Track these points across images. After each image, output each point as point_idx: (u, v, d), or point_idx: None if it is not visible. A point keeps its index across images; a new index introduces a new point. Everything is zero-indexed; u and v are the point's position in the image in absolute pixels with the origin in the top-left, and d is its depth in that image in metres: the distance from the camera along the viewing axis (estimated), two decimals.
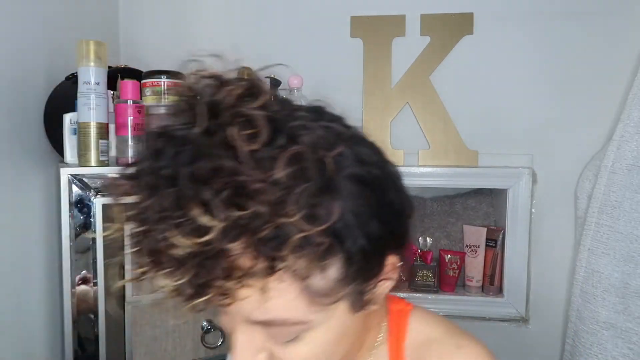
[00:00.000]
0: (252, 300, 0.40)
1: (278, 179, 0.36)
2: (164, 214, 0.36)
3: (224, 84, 0.39)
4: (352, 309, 0.45)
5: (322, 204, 0.38)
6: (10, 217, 1.00)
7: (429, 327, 0.56)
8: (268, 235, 0.36)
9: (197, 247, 0.35)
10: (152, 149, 0.38)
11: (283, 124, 0.39)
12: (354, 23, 1.46)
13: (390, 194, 0.45)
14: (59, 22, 1.17)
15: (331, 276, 0.41)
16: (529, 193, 1.38)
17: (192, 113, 0.38)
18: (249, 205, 0.35)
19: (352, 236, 0.40)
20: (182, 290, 0.38)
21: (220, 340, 1.12)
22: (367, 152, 0.44)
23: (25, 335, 1.06)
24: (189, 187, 0.35)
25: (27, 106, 1.06)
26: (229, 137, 0.36)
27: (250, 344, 0.45)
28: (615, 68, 1.34)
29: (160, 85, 1.10)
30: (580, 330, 1.29)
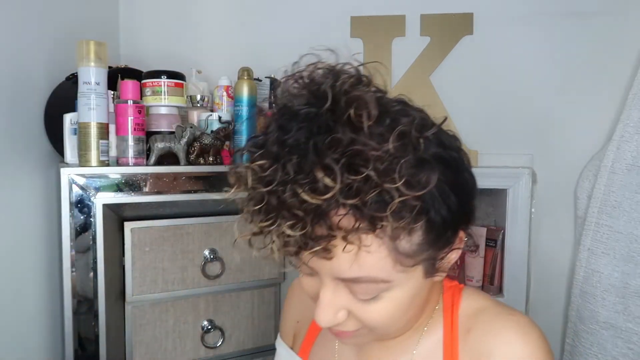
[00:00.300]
0: (349, 256, 0.46)
1: (388, 149, 0.43)
2: (291, 176, 0.43)
3: (339, 73, 0.48)
4: (426, 274, 0.52)
5: (419, 174, 0.45)
6: (10, 217, 1.00)
7: (480, 301, 0.62)
8: (374, 198, 0.42)
9: (318, 203, 0.42)
10: (278, 124, 0.46)
11: (387, 107, 0.48)
12: (354, 23, 1.46)
13: (464, 174, 0.53)
14: (59, 22, 1.17)
15: (415, 240, 0.48)
16: (529, 193, 1.38)
17: (312, 96, 0.46)
18: (361, 170, 0.42)
19: (436, 207, 0.47)
20: (293, 242, 0.45)
21: (220, 340, 1.12)
22: (447, 138, 0.52)
23: (25, 335, 1.06)
24: (315, 155, 0.43)
25: (27, 106, 1.06)
26: (348, 115, 0.44)
27: (333, 301, 0.51)
28: (615, 68, 1.34)
29: (161, 85, 1.10)
30: (580, 330, 1.30)
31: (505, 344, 0.55)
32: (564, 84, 1.39)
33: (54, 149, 1.11)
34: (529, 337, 0.56)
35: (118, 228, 1.01)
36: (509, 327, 0.57)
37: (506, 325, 0.57)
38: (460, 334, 0.59)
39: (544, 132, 1.41)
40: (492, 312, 0.60)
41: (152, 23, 1.52)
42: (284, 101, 0.49)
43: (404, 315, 0.54)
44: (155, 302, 1.05)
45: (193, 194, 1.05)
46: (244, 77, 1.17)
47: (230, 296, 1.13)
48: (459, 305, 0.62)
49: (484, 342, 0.57)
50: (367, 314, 0.52)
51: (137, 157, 1.01)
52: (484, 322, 0.59)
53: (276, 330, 1.19)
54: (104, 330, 0.98)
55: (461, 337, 0.59)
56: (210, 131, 1.10)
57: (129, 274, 1.01)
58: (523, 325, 0.57)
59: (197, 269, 1.07)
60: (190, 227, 1.06)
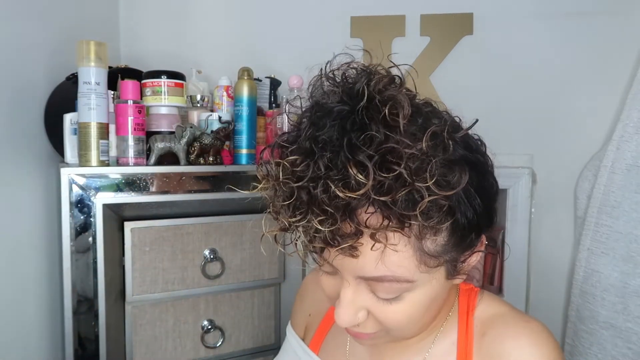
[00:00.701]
0: (375, 254, 0.46)
1: (421, 148, 0.43)
2: (323, 172, 0.44)
3: (373, 73, 0.48)
4: (447, 275, 0.52)
5: (448, 174, 0.46)
6: (10, 217, 1.00)
7: (496, 305, 0.62)
8: (404, 196, 0.43)
9: (349, 200, 0.43)
10: (311, 121, 0.47)
11: (419, 108, 0.48)
12: (354, 23, 1.46)
13: (489, 178, 0.53)
14: (59, 22, 1.17)
15: (440, 241, 0.48)
16: (529, 193, 1.38)
17: (346, 95, 0.46)
18: (394, 168, 0.42)
19: (462, 208, 0.48)
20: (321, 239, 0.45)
21: (220, 340, 1.12)
22: (474, 141, 0.53)
23: (26, 335, 1.06)
24: (349, 151, 0.43)
25: (27, 106, 1.06)
26: (383, 113, 0.44)
27: (354, 301, 0.51)
28: (615, 68, 1.34)
29: (161, 85, 1.10)
30: (580, 330, 1.30)
31: (520, 351, 0.55)
32: (563, 84, 1.39)
33: (54, 149, 1.11)
34: (544, 345, 0.56)
35: (118, 228, 1.01)
36: (525, 333, 0.57)
37: (521, 332, 0.57)
38: (475, 337, 0.59)
39: (544, 132, 1.41)
40: (508, 318, 0.59)
41: (152, 23, 1.52)
42: (317, 98, 0.49)
43: (422, 317, 0.54)
44: (155, 302, 1.05)
45: (193, 194, 1.05)
46: (244, 77, 1.17)
47: (230, 296, 1.13)
48: (474, 308, 0.62)
49: (498, 348, 0.57)
50: (387, 314, 0.51)
51: (137, 157, 1.01)
52: (499, 327, 0.58)
53: (276, 330, 1.19)
54: (104, 330, 0.98)
55: (475, 341, 0.59)
56: (210, 131, 1.10)
57: (129, 274, 1.01)
58: (538, 333, 0.57)
59: (197, 269, 1.07)
60: (190, 227, 1.06)
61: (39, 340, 1.10)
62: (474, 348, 0.59)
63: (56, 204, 1.03)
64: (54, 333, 1.13)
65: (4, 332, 0.99)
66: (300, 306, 0.77)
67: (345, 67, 0.49)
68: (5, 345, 0.99)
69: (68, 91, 1.06)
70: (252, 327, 1.16)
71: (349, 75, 0.49)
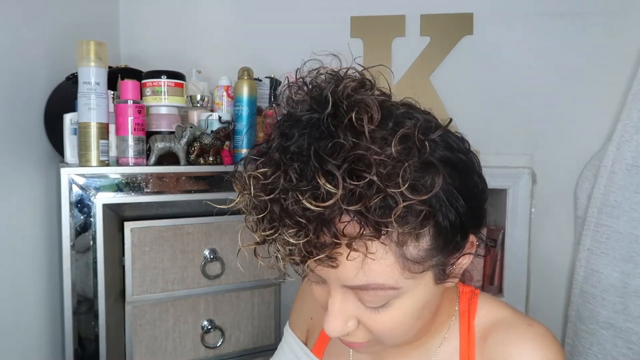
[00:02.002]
0: (355, 263, 0.45)
1: (391, 154, 0.42)
2: (291, 184, 0.43)
3: (341, 78, 0.47)
4: (436, 280, 0.50)
5: (424, 177, 0.44)
6: (10, 217, 1.00)
7: (498, 308, 0.61)
8: (378, 203, 0.42)
9: (320, 210, 0.42)
10: (280, 131, 0.46)
11: (390, 110, 0.47)
12: (354, 23, 1.46)
13: (474, 177, 0.51)
14: (59, 22, 1.17)
15: (423, 246, 0.47)
16: (529, 193, 1.38)
17: (314, 102, 0.46)
18: (364, 176, 0.41)
19: (443, 211, 0.46)
20: (298, 251, 0.45)
21: (220, 340, 1.12)
22: (455, 140, 0.51)
23: (26, 335, 1.06)
24: (316, 161, 0.42)
25: (27, 106, 1.06)
26: (350, 119, 0.43)
27: (342, 310, 0.50)
28: (615, 68, 1.34)
29: (161, 85, 1.10)
30: (580, 330, 1.30)
31: (523, 355, 0.55)
32: (563, 84, 1.39)
33: (54, 149, 1.11)
34: (548, 349, 0.55)
35: (118, 228, 1.01)
36: (528, 337, 0.56)
37: (524, 335, 0.56)
38: (477, 342, 0.58)
39: (544, 132, 1.41)
40: (510, 322, 0.58)
41: (152, 23, 1.52)
42: (288, 108, 0.48)
43: (415, 324, 0.52)
44: (155, 302, 1.05)
45: (193, 194, 1.05)
46: (244, 77, 1.17)
47: (230, 296, 1.13)
48: (475, 311, 0.60)
49: (501, 352, 0.56)
50: (376, 323, 0.50)
51: (137, 157, 1.01)
52: (502, 332, 0.57)
53: (276, 330, 1.19)
54: (104, 330, 0.98)
55: (478, 345, 0.58)
56: (210, 131, 1.10)
57: (129, 273, 1.01)
58: (541, 337, 0.56)
59: (197, 269, 1.07)
60: (190, 227, 1.06)
61: (39, 340, 1.10)
62: (477, 353, 0.58)
63: (56, 204, 1.03)
64: (54, 333, 1.13)
65: (4, 332, 0.99)
66: (300, 308, 0.76)
67: (314, 74, 0.48)
68: (5, 345, 0.99)
69: (68, 91, 1.06)
70: (252, 327, 1.16)
71: (318, 82, 0.47)
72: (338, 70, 0.48)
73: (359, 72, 0.49)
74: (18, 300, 1.03)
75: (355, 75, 0.48)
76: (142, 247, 1.02)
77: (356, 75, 0.48)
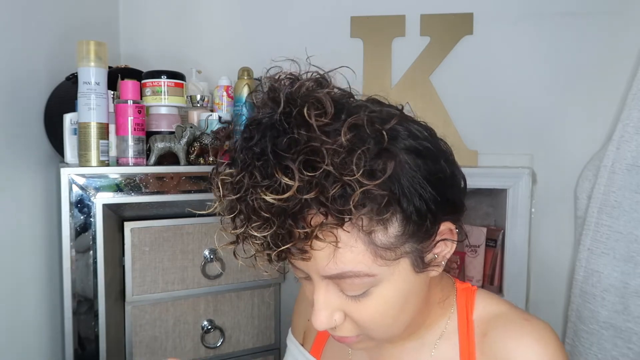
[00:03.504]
0: (326, 253, 0.47)
1: (341, 143, 0.44)
2: (255, 181, 0.45)
3: (298, 79, 0.49)
4: (415, 268, 0.51)
5: (378, 163, 0.46)
6: (10, 217, 1.00)
7: (495, 304, 0.61)
8: (336, 192, 0.43)
9: (281, 203, 0.44)
10: (244, 135, 0.49)
11: (344, 104, 0.49)
12: (354, 23, 1.46)
13: (440, 163, 0.51)
14: (59, 22, 1.17)
15: (392, 232, 0.48)
16: (529, 193, 1.38)
17: (274, 103, 0.48)
18: (319, 166, 0.43)
19: (408, 197, 0.47)
20: (268, 244, 0.46)
21: (220, 340, 1.12)
22: (418, 129, 0.51)
23: (25, 335, 1.06)
24: (273, 157, 0.44)
25: (27, 106, 1.06)
26: (302, 115, 0.45)
27: (327, 302, 0.52)
28: (615, 68, 1.34)
29: (161, 85, 1.10)
30: (580, 330, 1.30)
31: (523, 349, 0.55)
32: (564, 84, 1.39)
33: (54, 149, 1.11)
34: (547, 342, 0.55)
35: (118, 228, 1.01)
36: (526, 332, 0.56)
37: (524, 331, 0.56)
38: (477, 338, 0.59)
39: (544, 132, 1.41)
40: (509, 317, 0.59)
41: (152, 23, 1.52)
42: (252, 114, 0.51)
43: (399, 315, 0.53)
44: (155, 302, 1.05)
45: (193, 194, 1.05)
46: (244, 77, 1.17)
47: (230, 296, 1.13)
48: (473, 308, 0.61)
49: (501, 347, 0.56)
50: (360, 312, 0.52)
51: (137, 157, 1.01)
52: (501, 327, 0.58)
53: (276, 330, 1.19)
54: (104, 330, 0.98)
55: (477, 342, 0.59)
56: (210, 131, 1.10)
57: (129, 274, 1.01)
58: (540, 331, 0.56)
59: (197, 269, 1.07)
60: (190, 227, 1.06)
61: (39, 340, 1.10)
62: (477, 349, 0.58)
63: (56, 204, 1.03)
64: (54, 333, 1.13)
65: (4, 332, 0.99)
66: (299, 311, 0.77)
67: (273, 79, 0.50)
68: (5, 345, 0.99)
69: (68, 91, 1.06)
70: (252, 327, 1.16)
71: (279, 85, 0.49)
72: (297, 74, 0.51)
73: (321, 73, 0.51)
74: (18, 300, 1.03)
75: (314, 76, 0.50)
76: (142, 247, 1.02)
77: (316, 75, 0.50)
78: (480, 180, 1.42)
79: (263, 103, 0.49)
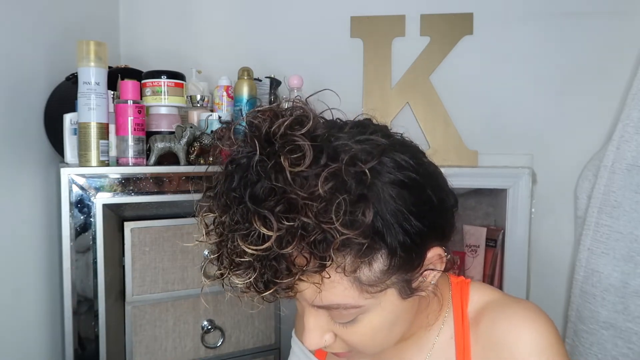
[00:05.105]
0: (311, 291, 0.48)
1: (319, 194, 0.43)
2: (234, 227, 0.45)
3: (277, 116, 0.47)
4: (402, 295, 0.51)
5: (358, 210, 0.45)
6: (10, 217, 1.00)
7: (487, 293, 0.62)
8: (316, 239, 0.43)
9: (260, 252, 0.44)
10: (225, 174, 0.48)
11: (324, 145, 0.46)
12: (354, 23, 1.46)
13: (426, 192, 0.50)
14: (59, 22, 1.17)
15: (377, 268, 0.48)
16: (529, 193, 1.38)
17: (253, 143, 0.46)
18: (297, 217, 0.43)
19: (392, 233, 0.46)
20: (253, 286, 0.47)
21: (221, 340, 1.12)
22: (404, 158, 0.50)
23: (26, 335, 1.06)
24: (252, 205, 0.44)
25: (27, 106, 1.06)
26: (279, 162, 0.44)
27: (317, 325, 0.53)
28: (615, 68, 1.34)
29: (161, 85, 1.10)
30: (580, 330, 1.30)
31: (515, 329, 0.56)
32: (564, 84, 1.39)
33: (54, 149, 1.11)
34: (537, 320, 0.57)
35: (118, 228, 1.01)
36: (517, 313, 0.57)
37: (514, 312, 0.58)
38: (471, 329, 0.60)
39: (544, 132, 1.41)
40: (500, 302, 0.60)
41: (152, 23, 1.52)
42: (231, 150, 0.50)
43: (389, 335, 0.54)
44: (155, 302, 1.05)
45: (193, 194, 1.05)
46: (244, 77, 1.17)
47: (230, 296, 1.13)
48: (467, 300, 0.62)
49: (494, 331, 0.58)
50: (349, 336, 0.53)
51: (137, 157, 1.01)
52: (492, 312, 0.59)
53: (276, 330, 1.19)
54: (104, 330, 0.98)
55: (472, 332, 0.60)
56: (210, 131, 1.10)
57: (129, 274, 1.01)
58: (530, 311, 0.58)
59: (197, 269, 1.07)
60: (190, 227, 1.06)
61: (39, 340, 1.10)
62: (471, 339, 0.59)
63: (56, 204, 1.03)
64: (54, 333, 1.13)
65: (4, 332, 0.99)
66: None
67: (253, 114, 0.49)
68: (5, 345, 0.99)
69: (68, 91, 1.06)
70: (252, 327, 1.16)
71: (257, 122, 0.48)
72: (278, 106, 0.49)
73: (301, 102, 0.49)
74: (18, 300, 1.03)
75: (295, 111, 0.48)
76: (142, 247, 1.02)
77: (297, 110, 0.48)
78: (480, 180, 1.42)
79: (243, 140, 0.49)
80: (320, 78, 1.34)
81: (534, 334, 0.55)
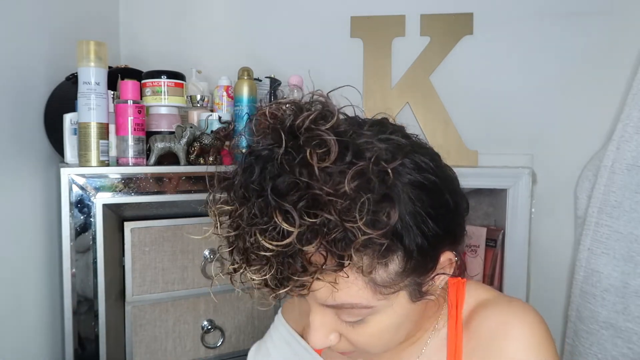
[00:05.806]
0: (324, 290, 0.47)
1: (345, 191, 0.42)
2: (253, 220, 0.44)
3: (301, 109, 0.47)
4: (412, 298, 0.51)
5: (382, 210, 0.44)
6: (10, 217, 1.00)
7: (481, 293, 0.62)
8: (337, 238, 0.42)
9: (279, 248, 0.43)
10: (244, 166, 0.47)
11: (350, 141, 0.46)
12: (354, 23, 1.46)
13: (445, 196, 0.51)
14: (59, 22, 1.17)
15: (392, 270, 0.48)
16: (529, 193, 1.38)
17: (276, 135, 0.45)
18: (320, 213, 0.42)
19: (410, 235, 0.46)
20: (267, 282, 0.46)
21: (221, 341, 1.12)
22: (424, 160, 0.50)
23: (26, 335, 1.06)
24: (273, 199, 0.42)
25: (27, 106, 1.06)
26: (305, 156, 0.43)
27: (323, 324, 0.52)
28: (615, 68, 1.34)
29: (161, 85, 1.10)
30: (580, 330, 1.30)
31: (504, 325, 0.56)
32: (563, 84, 1.39)
33: (54, 149, 1.11)
34: (526, 317, 0.57)
35: (118, 228, 1.01)
36: (507, 310, 0.58)
37: (504, 310, 0.58)
38: (464, 326, 0.60)
39: (544, 132, 1.41)
40: (492, 301, 0.60)
41: (152, 23, 1.52)
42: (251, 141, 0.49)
43: (394, 337, 0.54)
44: (155, 302, 1.05)
45: (193, 194, 1.05)
46: (244, 77, 1.17)
47: (230, 296, 1.13)
48: (463, 300, 0.62)
49: (484, 328, 0.58)
50: (355, 337, 0.52)
51: (137, 157, 1.01)
52: (484, 310, 0.59)
53: None
54: (104, 330, 0.98)
55: (464, 330, 0.60)
56: (210, 131, 1.10)
57: (129, 274, 1.01)
58: (520, 308, 0.58)
59: (197, 269, 1.07)
60: (190, 227, 1.06)
61: (39, 340, 1.10)
62: (464, 339, 0.59)
63: (56, 204, 1.03)
64: (54, 333, 1.13)
65: (4, 331, 0.99)
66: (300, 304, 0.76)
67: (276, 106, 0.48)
68: (5, 345, 0.99)
69: (68, 91, 1.06)
70: (252, 327, 1.16)
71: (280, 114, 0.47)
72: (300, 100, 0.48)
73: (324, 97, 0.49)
74: (18, 300, 1.03)
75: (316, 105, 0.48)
76: (142, 247, 1.02)
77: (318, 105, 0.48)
78: (480, 180, 1.42)
79: (264, 132, 0.48)
80: (320, 78, 1.34)
81: (524, 330, 0.55)
